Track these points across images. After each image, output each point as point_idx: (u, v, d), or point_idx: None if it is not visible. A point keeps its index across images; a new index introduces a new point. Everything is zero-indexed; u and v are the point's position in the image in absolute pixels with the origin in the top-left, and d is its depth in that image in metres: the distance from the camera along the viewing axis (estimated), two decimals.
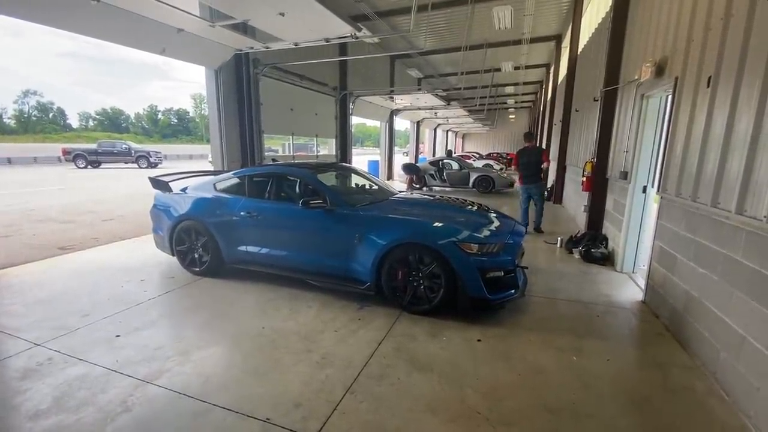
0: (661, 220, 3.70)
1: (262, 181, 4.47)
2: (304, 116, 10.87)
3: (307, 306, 3.71)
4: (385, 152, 17.55)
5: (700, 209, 2.94)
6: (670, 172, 3.56)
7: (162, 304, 3.73)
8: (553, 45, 15.01)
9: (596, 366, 2.77)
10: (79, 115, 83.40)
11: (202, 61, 7.37)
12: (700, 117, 3.05)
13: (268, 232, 4.20)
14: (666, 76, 3.85)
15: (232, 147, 8.21)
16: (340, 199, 3.93)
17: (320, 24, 5.79)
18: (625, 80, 5.34)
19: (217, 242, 4.35)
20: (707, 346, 2.72)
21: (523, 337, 3.16)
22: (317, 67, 10.93)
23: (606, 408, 2.33)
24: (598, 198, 5.97)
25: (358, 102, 13.32)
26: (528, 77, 21.34)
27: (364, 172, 5.29)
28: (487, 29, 12.14)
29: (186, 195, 4.67)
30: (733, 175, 2.56)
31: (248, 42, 6.85)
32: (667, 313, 3.42)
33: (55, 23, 5.03)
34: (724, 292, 2.57)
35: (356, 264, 3.73)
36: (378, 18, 11.28)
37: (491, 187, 13.05)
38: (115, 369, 2.63)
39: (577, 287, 4.34)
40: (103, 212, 8.84)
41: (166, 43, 6.15)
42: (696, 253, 2.99)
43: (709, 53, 3.02)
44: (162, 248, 4.84)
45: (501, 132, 36.87)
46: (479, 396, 2.41)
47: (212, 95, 7.79)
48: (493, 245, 3.45)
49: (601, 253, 5.30)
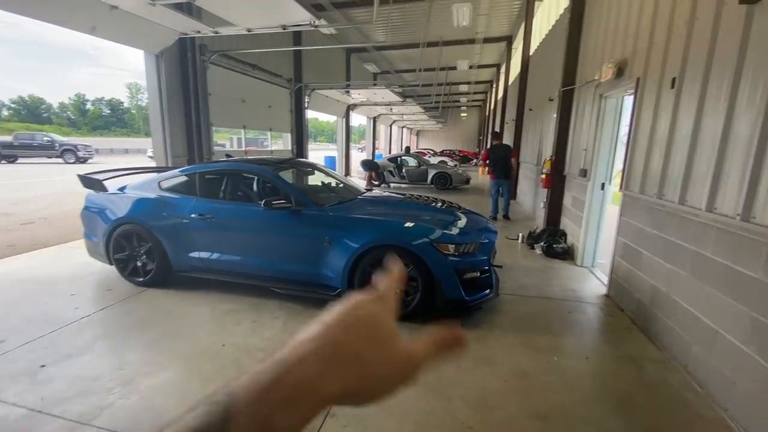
0: (624, 216, 3.82)
1: (215, 179, 4.03)
2: (257, 108, 10.24)
3: (273, 317, 3.38)
4: (342, 148, 17.18)
5: (667, 206, 3.03)
6: (633, 170, 3.67)
7: (98, 323, 3.22)
8: (504, 46, 15.51)
9: (577, 365, 2.76)
10: None
11: (141, 45, 6.60)
12: (665, 117, 3.15)
13: (225, 235, 3.80)
14: (626, 77, 3.97)
15: (176, 141, 7.48)
16: (306, 199, 3.63)
17: (277, 9, 5.37)
18: (582, 81, 5.51)
19: (163, 248, 3.86)
20: (677, 340, 2.81)
21: (503, 339, 3.09)
22: (271, 58, 10.33)
23: (594, 410, 2.30)
24: (556, 195, 6.15)
25: (314, 95, 12.85)
26: (479, 77, 21.98)
27: (328, 169, 5.00)
28: (442, 27, 12.21)
29: (125, 195, 4.10)
30: (701, 173, 2.64)
31: (195, 25, 6.21)
32: (633, 307, 3.53)
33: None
34: (694, 288, 2.65)
35: (326, 269, 3.46)
36: (334, 9, 10.91)
37: (449, 184, 13.21)
38: (40, 409, 2.17)
39: (545, 283, 4.40)
40: (21, 214, 7.68)
41: (96, 21, 5.38)
42: (663, 249, 3.09)
43: (672, 55, 3.12)
44: (96, 256, 4.23)
45: (454, 130, 37.77)
46: (469, 408, 2.28)
47: (153, 83, 7.02)
48: (469, 245, 3.35)
49: (561, 249, 5.46)
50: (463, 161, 28.76)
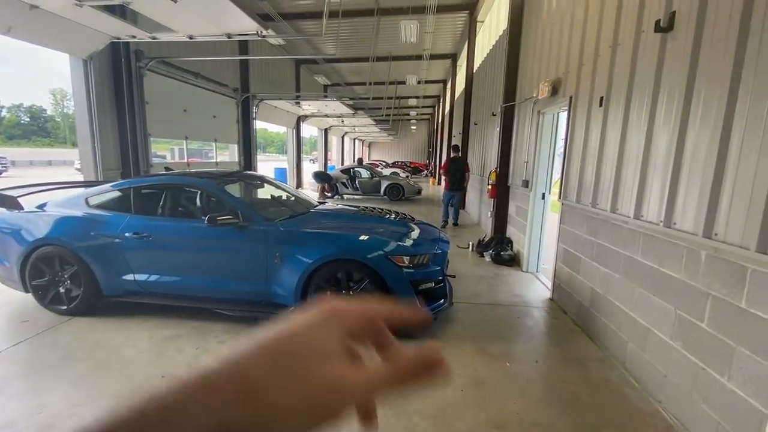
0: (563, 224, 4.08)
1: (153, 194, 3.74)
2: (201, 119, 9.74)
3: (218, 341, 3.16)
4: (293, 159, 16.83)
5: (600, 215, 3.28)
6: (570, 181, 3.95)
7: (12, 361, 2.81)
8: (449, 63, 16.22)
9: (528, 370, 2.86)
10: None
11: (67, 48, 6.03)
12: (595, 132, 3.42)
13: (164, 255, 3.52)
14: (561, 95, 4.29)
15: (108, 152, 6.88)
16: (254, 214, 3.47)
17: (221, 17, 5.17)
18: (521, 97, 5.88)
19: (91, 271, 3.49)
20: (615, 338, 3.01)
21: (458, 348, 3.14)
22: (216, 66, 9.93)
23: (545, 413, 2.38)
24: (502, 204, 6.45)
25: (263, 106, 12.51)
26: (427, 91, 22.75)
27: (279, 182, 4.84)
28: (391, 42, 12.52)
29: (45, 213, 3.67)
30: (629, 184, 2.89)
31: (129, 29, 5.80)
32: (575, 309, 3.75)
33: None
34: (627, 289, 2.87)
35: (277, 286, 3.32)
36: (282, 20, 10.77)
37: (401, 195, 13.41)
38: None
39: (494, 290, 4.56)
40: None
41: (12, 20, 4.84)
42: (598, 254, 3.33)
43: (599, 76, 3.42)
44: (9, 283, 3.72)
45: (404, 142, 38.64)
46: (428, 423, 2.26)
47: (80, 89, 6.42)
48: (423, 256, 3.38)
49: (509, 256, 5.71)
50: (414, 172, 29.43)
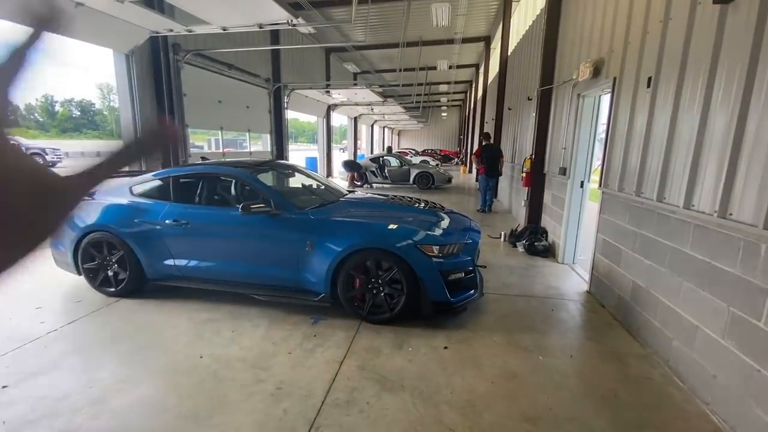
0: (604, 214, 3.87)
1: (190, 183, 3.88)
2: (235, 109, 9.99)
3: (253, 325, 3.27)
4: (323, 148, 17.00)
5: (645, 204, 3.08)
6: (612, 168, 3.72)
7: (66, 338, 3.04)
8: (483, 46, 15.67)
9: (562, 364, 2.77)
10: None
11: (110, 44, 6.32)
12: (642, 116, 3.19)
13: (202, 241, 3.66)
14: (603, 77, 4.03)
15: None
16: (286, 202, 3.52)
17: (253, 7, 5.22)
18: (559, 80, 5.58)
19: (136, 256, 3.69)
20: (658, 335, 2.85)
21: (489, 340, 3.08)
22: (248, 57, 10.11)
23: (581, 409, 2.30)
24: (537, 193, 6.22)
25: (294, 96, 12.65)
26: (459, 76, 22.16)
27: (309, 171, 4.89)
28: (422, 26, 12.23)
29: (94, 201, 3.89)
30: (678, 171, 2.68)
31: (167, 23, 5.99)
32: (614, 303, 3.58)
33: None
34: (673, 283, 2.69)
35: (308, 274, 3.37)
36: (312, 8, 10.76)
37: (431, 183, 13.24)
38: None
39: (527, 281, 4.43)
40: None
41: None
42: (641, 246, 3.13)
43: (647, 55, 3.17)
44: (64, 266, 4.00)
45: (434, 129, 38.02)
46: (456, 413, 2.24)
47: (124, 84, 6.73)
48: (453, 246, 3.32)
49: (543, 246, 5.52)
50: (444, 161, 28.98)
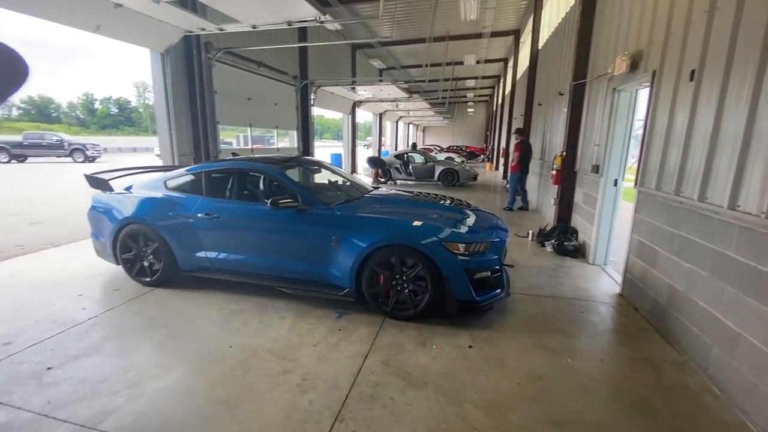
0: (639, 213, 3.71)
1: (221, 178, 3.99)
2: (263, 106, 10.19)
3: (280, 317, 3.34)
4: (348, 145, 17.10)
5: (685, 204, 2.92)
6: (649, 166, 3.56)
7: (105, 324, 3.20)
8: (512, 40, 15.30)
9: (592, 368, 2.68)
10: None
11: (146, 43, 6.57)
12: (683, 111, 3.03)
13: (231, 235, 3.76)
14: (641, 70, 3.85)
15: (183, 139, 7.47)
16: (313, 198, 3.57)
17: (282, 4, 5.30)
18: (593, 74, 5.38)
19: (170, 248, 3.84)
20: (696, 342, 2.71)
21: (515, 340, 3.02)
22: (276, 54, 10.28)
23: (611, 415, 2.22)
24: (567, 191, 6.03)
25: (320, 92, 12.77)
26: (487, 71, 21.73)
27: (335, 167, 4.94)
28: (449, 21, 12.06)
29: (131, 195, 4.08)
30: (723, 169, 2.53)
31: (199, 22, 6.17)
32: (648, 307, 3.43)
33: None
34: (714, 288, 2.55)
35: (333, 268, 3.41)
36: (339, 5, 10.81)
37: (456, 180, 13.09)
38: (46, 413, 2.15)
39: (556, 282, 4.31)
40: (30, 214, 7.74)
41: (101, 19, 5.36)
42: (680, 247, 2.98)
43: (690, 47, 3.00)
44: (104, 256, 4.22)
45: (460, 125, 37.52)
46: (481, 412, 2.21)
47: (159, 82, 6.99)
48: (479, 244, 3.27)
49: (573, 246, 5.35)
50: (470, 157, 28.56)
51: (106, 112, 78.22)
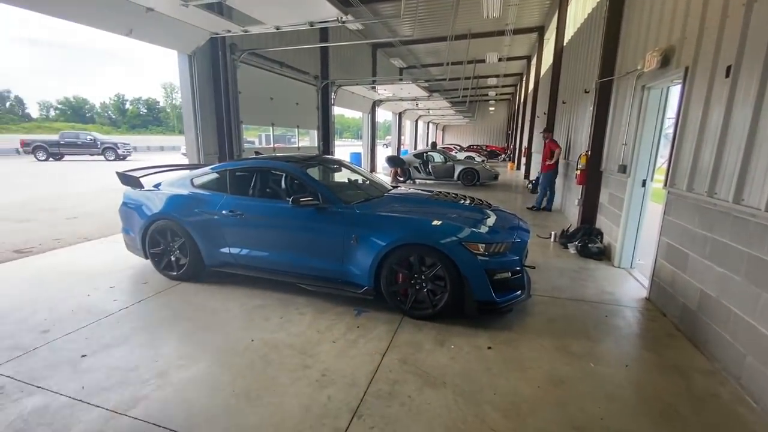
0: (668, 215, 3.58)
1: (245, 176, 4.09)
2: (285, 106, 10.36)
3: (299, 313, 3.40)
4: (367, 144, 17.17)
5: (719, 205, 2.80)
6: (680, 166, 3.43)
7: (135, 315, 3.34)
8: (536, 37, 15.00)
9: (616, 373, 2.61)
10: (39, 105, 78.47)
11: (175, 45, 6.79)
12: (718, 109, 2.90)
13: (254, 231, 3.85)
14: (673, 66, 3.71)
15: (208, 138, 7.68)
16: (333, 196, 3.61)
17: (305, 6, 5.37)
18: (621, 71, 5.21)
19: (196, 243, 3.96)
20: (729, 349, 2.60)
21: (535, 343, 2.97)
22: (298, 55, 10.42)
23: (636, 423, 2.16)
24: (592, 191, 5.88)
25: (340, 92, 12.88)
26: (509, 69, 21.35)
27: (354, 166, 4.98)
28: (471, 19, 11.92)
29: (159, 192, 4.23)
30: (761, 170, 2.41)
31: (225, 24, 6.33)
32: (677, 312, 3.31)
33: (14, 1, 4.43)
34: (750, 294, 2.44)
35: (353, 266, 3.44)
36: (361, 5, 10.85)
37: (476, 180, 12.95)
38: (80, 398, 2.26)
39: (579, 285, 4.21)
40: (66, 209, 8.14)
41: (133, 23, 5.58)
42: (712, 251, 2.86)
43: (727, 42, 2.87)
44: (133, 250, 4.40)
45: (480, 124, 37.06)
46: (500, 414, 2.19)
47: (186, 82, 7.22)
48: (500, 245, 3.23)
49: (597, 248, 5.21)
50: (491, 156, 28.17)
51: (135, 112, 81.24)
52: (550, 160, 8.26)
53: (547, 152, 8.33)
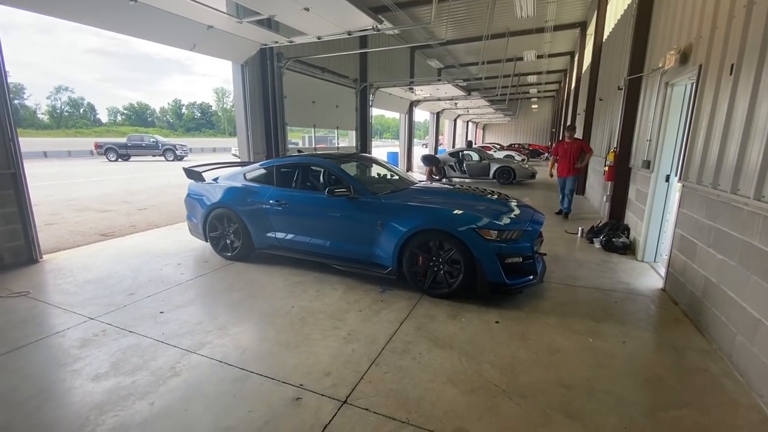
0: (683, 208, 3.71)
1: (289, 171, 4.69)
2: (326, 108, 11.06)
3: (332, 288, 3.92)
4: (404, 144, 17.60)
5: (721, 196, 2.96)
6: (692, 160, 3.56)
7: (198, 286, 4.02)
8: (578, 32, 14.66)
9: (612, 347, 2.87)
10: (107, 110, 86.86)
11: (230, 56, 7.63)
12: (722, 105, 3.05)
13: (296, 219, 4.43)
14: (690, 64, 3.82)
15: (257, 139, 8.50)
16: (362, 188, 4.10)
17: (343, 17, 5.92)
18: (649, 68, 5.27)
19: (247, 229, 4.61)
20: (724, 331, 2.77)
21: (541, 321, 3.27)
22: (338, 60, 11.07)
23: (620, 385, 2.43)
24: (620, 187, 5.93)
25: (378, 93, 13.41)
26: (551, 66, 20.88)
27: (385, 162, 5.44)
28: (509, 17, 11.98)
29: (218, 184, 4.94)
30: (752, 161, 2.58)
31: (273, 37, 7.05)
32: (686, 300, 3.46)
33: (95, 22, 5.33)
34: (741, 277, 2.61)
35: (378, 249, 3.91)
36: (398, 9, 11.30)
37: (512, 179, 12.96)
38: (161, 340, 2.91)
39: (597, 275, 4.39)
40: (137, 202, 9.33)
41: (196, 39, 6.42)
42: (715, 240, 3.02)
43: (732, 41, 3.01)
44: (196, 234, 5.15)
45: (523, 122, 36.19)
46: (497, 371, 2.56)
47: (239, 89, 8.06)
48: (512, 231, 3.55)
49: (622, 243, 5.30)
50: (533, 155, 27.54)
51: (191, 116, 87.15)
52: (580, 163, 7.29)
53: (576, 153, 7.24)
